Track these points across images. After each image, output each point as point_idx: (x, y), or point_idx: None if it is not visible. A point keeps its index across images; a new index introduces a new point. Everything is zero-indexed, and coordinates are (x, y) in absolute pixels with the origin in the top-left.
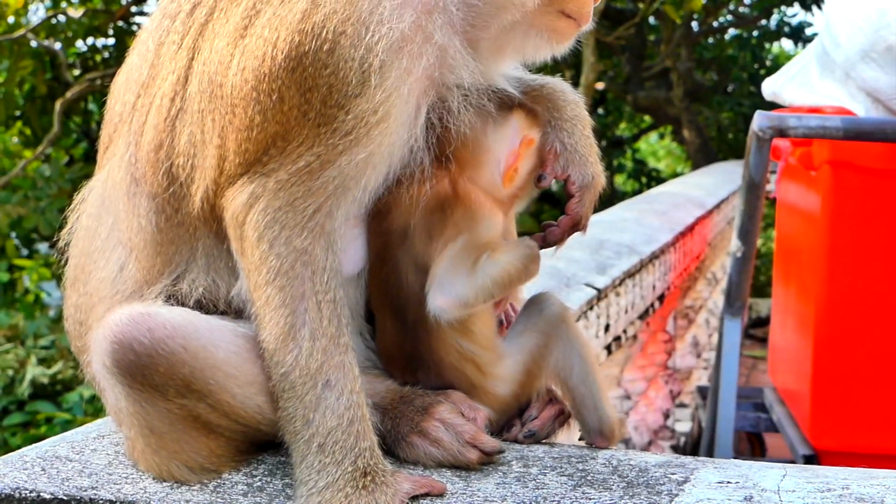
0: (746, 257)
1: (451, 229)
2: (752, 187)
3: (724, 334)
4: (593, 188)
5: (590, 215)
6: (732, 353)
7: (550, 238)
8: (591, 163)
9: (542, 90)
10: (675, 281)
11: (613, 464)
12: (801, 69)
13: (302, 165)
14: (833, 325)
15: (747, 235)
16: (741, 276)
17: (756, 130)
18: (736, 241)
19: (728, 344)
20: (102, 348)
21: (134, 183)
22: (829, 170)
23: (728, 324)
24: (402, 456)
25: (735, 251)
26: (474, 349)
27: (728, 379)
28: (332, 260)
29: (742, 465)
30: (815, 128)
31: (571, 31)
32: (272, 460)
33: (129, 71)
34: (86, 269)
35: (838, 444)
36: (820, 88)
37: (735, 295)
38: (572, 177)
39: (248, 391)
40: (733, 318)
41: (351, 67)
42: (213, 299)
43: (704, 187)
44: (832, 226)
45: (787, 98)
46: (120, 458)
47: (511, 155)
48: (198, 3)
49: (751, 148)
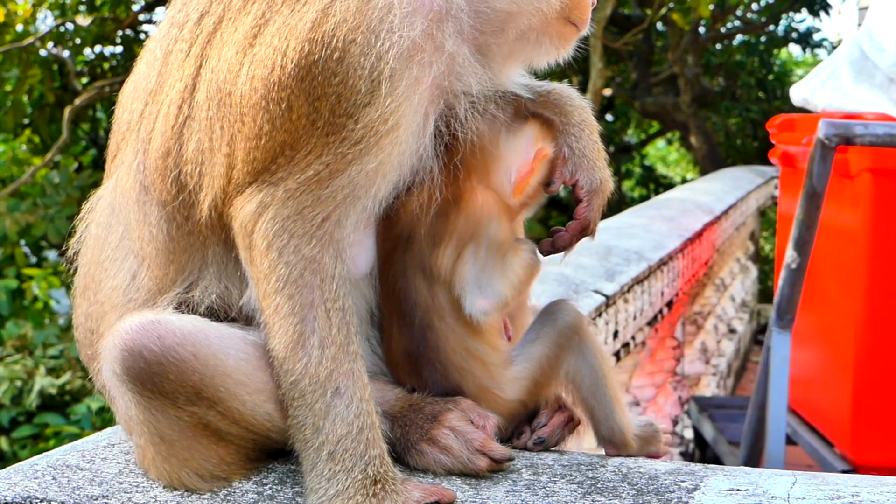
0: (801, 269)
1: (455, 234)
2: (812, 197)
3: (772, 348)
4: (602, 193)
5: (598, 220)
6: (782, 368)
7: (559, 243)
8: (599, 167)
9: (549, 96)
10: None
11: (623, 471)
12: (830, 74)
13: (311, 174)
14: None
15: (804, 247)
16: (794, 288)
17: (822, 138)
18: (792, 252)
19: (777, 358)
20: (113, 356)
21: (143, 191)
22: (870, 178)
23: (777, 337)
24: (411, 464)
25: (790, 262)
26: (481, 348)
27: (778, 394)
28: (341, 268)
29: (752, 473)
30: (882, 136)
31: (574, 37)
32: (282, 468)
33: (136, 79)
34: (96, 278)
35: (881, 459)
36: (854, 94)
37: (786, 307)
38: (581, 182)
39: (258, 399)
40: (783, 331)
41: (360, 76)
42: (226, 306)
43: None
44: (873, 237)
45: (818, 104)
46: (130, 467)
47: (525, 166)
48: (205, 13)
49: (814, 157)
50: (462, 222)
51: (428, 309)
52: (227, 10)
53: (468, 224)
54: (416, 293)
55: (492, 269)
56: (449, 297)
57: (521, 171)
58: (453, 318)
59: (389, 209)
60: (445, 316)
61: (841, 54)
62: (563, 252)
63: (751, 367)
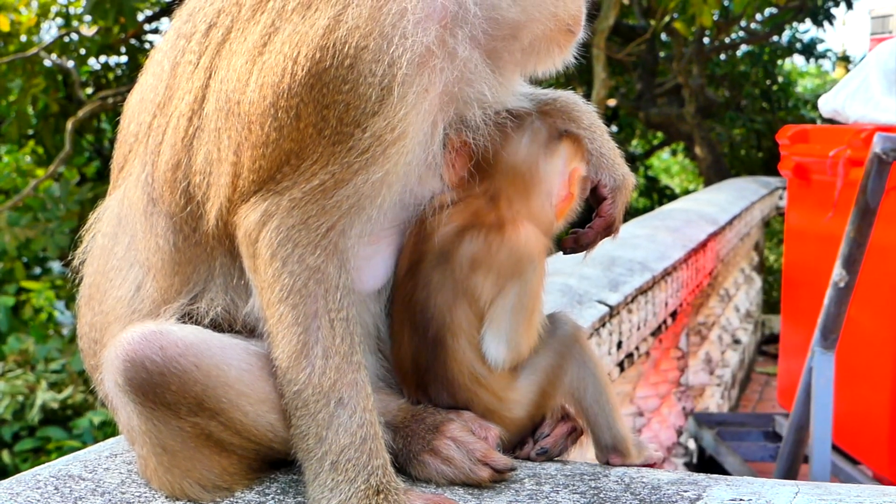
0: (849, 288)
1: (495, 266)
2: (866, 213)
3: (816, 369)
4: (625, 189)
5: (622, 218)
6: (826, 390)
7: (583, 240)
8: (619, 164)
9: (555, 103)
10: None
11: (626, 481)
12: (860, 85)
13: (316, 184)
14: None
15: (853, 265)
16: (840, 307)
17: (879, 153)
18: (840, 271)
19: (822, 380)
20: (115, 366)
21: (151, 203)
22: None
23: (821, 357)
24: (414, 474)
25: (838, 280)
26: (488, 375)
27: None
28: (345, 278)
29: (755, 483)
30: None
31: (571, 43)
32: (285, 478)
33: (143, 91)
34: (101, 288)
35: None
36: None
37: (831, 327)
38: (603, 180)
39: (261, 409)
40: (827, 351)
41: (370, 84)
42: (231, 318)
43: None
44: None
45: (850, 115)
46: (133, 477)
47: (563, 188)
48: (213, 24)
49: (870, 171)
50: (505, 256)
51: (443, 325)
52: (236, 20)
53: (510, 259)
54: (434, 308)
55: (517, 326)
56: (466, 319)
57: (560, 193)
58: (467, 340)
59: (421, 225)
60: (460, 336)
61: (871, 64)
62: (585, 251)
63: (755, 378)
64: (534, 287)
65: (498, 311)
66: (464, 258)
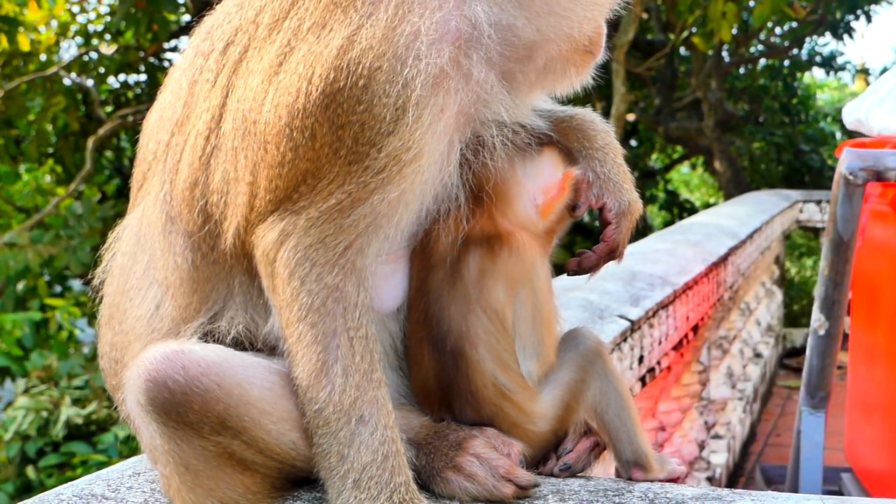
0: (832, 336)
1: (504, 272)
2: (839, 246)
3: (804, 432)
4: (630, 215)
5: (626, 243)
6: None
7: (586, 263)
8: (626, 189)
9: (571, 121)
10: (708, 311)
11: (650, 497)
12: (889, 92)
13: (333, 203)
14: None
15: (833, 307)
16: (825, 359)
17: (845, 173)
18: (819, 316)
19: (809, 445)
20: (137, 386)
21: (169, 221)
22: None
23: (808, 419)
24: (437, 491)
25: (817, 327)
26: (511, 386)
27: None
28: (364, 296)
29: (779, 498)
30: None
31: (590, 64)
32: (308, 496)
33: (162, 109)
34: (121, 308)
35: None
36: None
37: (817, 383)
38: (608, 204)
39: (283, 427)
40: (815, 412)
41: (385, 104)
42: (252, 337)
43: (737, 217)
44: None
45: (875, 125)
46: (156, 496)
47: (552, 189)
48: (231, 42)
49: (838, 196)
50: (511, 263)
51: (461, 336)
52: (253, 38)
53: (517, 266)
54: (449, 320)
55: (542, 333)
56: (483, 328)
57: (549, 193)
58: (486, 349)
59: (424, 239)
60: (479, 346)
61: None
62: (589, 274)
63: (776, 392)
64: (543, 292)
65: (520, 329)
66: (472, 268)
